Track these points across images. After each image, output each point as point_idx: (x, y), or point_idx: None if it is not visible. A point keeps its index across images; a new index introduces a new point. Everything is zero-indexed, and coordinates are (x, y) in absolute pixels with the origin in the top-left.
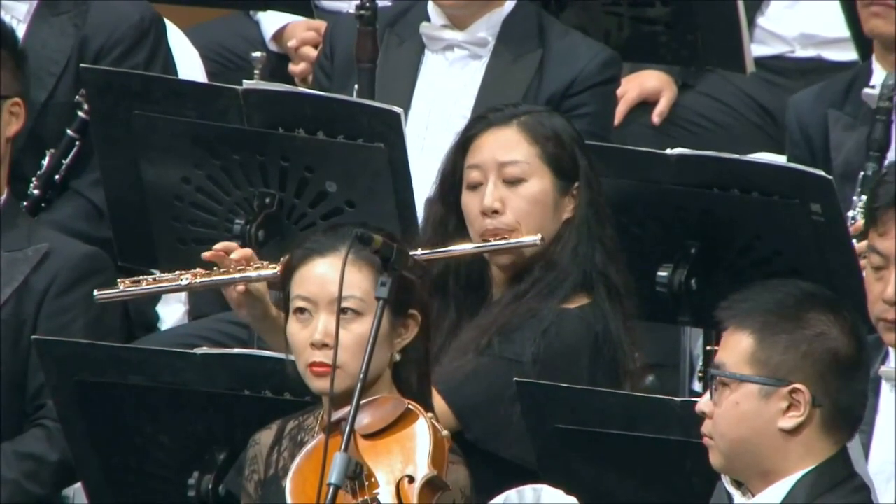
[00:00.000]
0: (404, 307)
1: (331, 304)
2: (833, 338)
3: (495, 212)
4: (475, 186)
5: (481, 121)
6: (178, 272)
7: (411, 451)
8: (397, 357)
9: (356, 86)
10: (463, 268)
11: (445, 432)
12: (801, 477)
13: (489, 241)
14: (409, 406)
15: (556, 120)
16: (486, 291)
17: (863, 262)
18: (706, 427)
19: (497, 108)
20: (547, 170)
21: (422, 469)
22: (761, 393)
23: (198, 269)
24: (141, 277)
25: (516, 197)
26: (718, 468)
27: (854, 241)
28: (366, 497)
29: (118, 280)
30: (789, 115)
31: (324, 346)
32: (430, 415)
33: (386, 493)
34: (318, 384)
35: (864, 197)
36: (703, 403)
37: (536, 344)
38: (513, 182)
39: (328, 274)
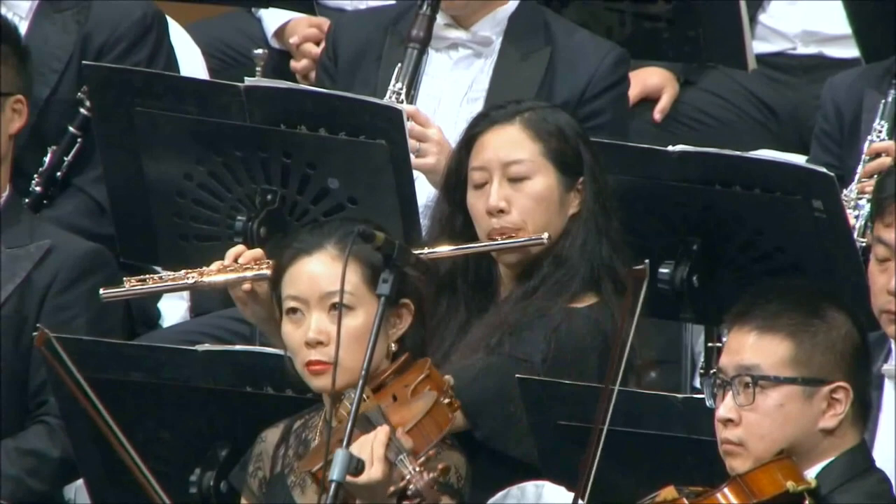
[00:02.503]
0: (397, 297)
1: (321, 300)
2: (855, 334)
3: (501, 211)
4: (480, 186)
5: (484, 119)
6: (183, 271)
7: (407, 417)
8: (394, 347)
9: (399, 64)
10: (471, 266)
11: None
12: (825, 465)
13: (496, 239)
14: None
15: (559, 115)
16: (495, 289)
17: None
18: (733, 434)
19: (500, 105)
20: (551, 167)
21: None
22: (804, 394)
23: (203, 268)
24: (147, 276)
25: (521, 195)
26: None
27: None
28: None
29: (124, 279)
30: (825, 92)
31: (318, 343)
32: (446, 399)
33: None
34: (318, 382)
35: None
36: (728, 410)
37: (546, 343)
38: (517, 180)
39: (317, 271)
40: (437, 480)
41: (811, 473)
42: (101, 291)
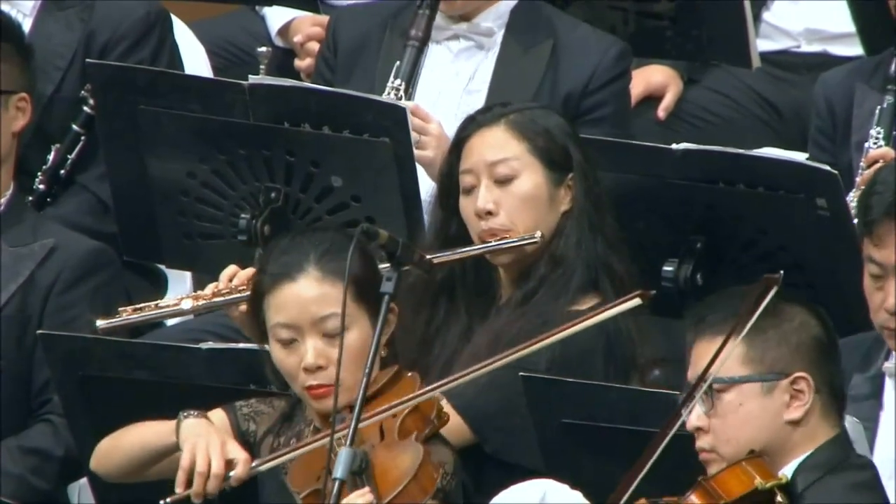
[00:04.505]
0: (380, 305)
1: (315, 325)
2: (813, 325)
3: (489, 213)
4: (469, 190)
5: (471, 123)
6: (179, 296)
7: (392, 479)
8: (383, 353)
9: (398, 62)
10: (469, 271)
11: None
12: (802, 460)
13: (488, 242)
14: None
15: (546, 114)
16: (495, 293)
17: None
18: (703, 442)
19: (486, 108)
20: (538, 164)
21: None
22: (763, 390)
23: (198, 292)
24: (143, 305)
25: (509, 196)
26: None
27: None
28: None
29: (119, 308)
30: (817, 88)
31: (318, 368)
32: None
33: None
34: (322, 405)
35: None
36: (697, 418)
37: (550, 351)
38: (504, 181)
39: (304, 295)
40: None
41: (788, 469)
42: (98, 323)
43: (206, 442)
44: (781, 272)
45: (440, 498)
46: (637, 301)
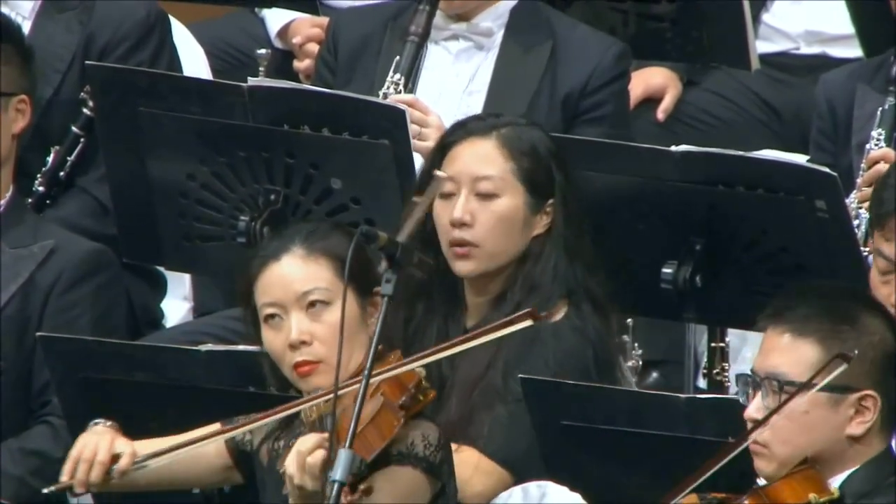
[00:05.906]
0: (370, 287)
1: (298, 301)
2: (889, 341)
3: (464, 224)
4: (448, 196)
5: (461, 129)
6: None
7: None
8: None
9: (397, 57)
10: (443, 276)
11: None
12: (850, 474)
13: (455, 250)
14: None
15: (534, 133)
16: (461, 306)
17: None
18: (759, 435)
19: (479, 116)
20: (520, 187)
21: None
22: (830, 401)
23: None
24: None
25: (486, 212)
26: (767, 475)
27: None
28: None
29: None
30: (818, 89)
31: (302, 343)
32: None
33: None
34: (309, 384)
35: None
36: (757, 410)
37: (547, 364)
38: (485, 196)
39: (288, 274)
40: None
41: (836, 482)
42: None
43: (96, 438)
44: (856, 352)
45: (423, 468)
46: (528, 322)
